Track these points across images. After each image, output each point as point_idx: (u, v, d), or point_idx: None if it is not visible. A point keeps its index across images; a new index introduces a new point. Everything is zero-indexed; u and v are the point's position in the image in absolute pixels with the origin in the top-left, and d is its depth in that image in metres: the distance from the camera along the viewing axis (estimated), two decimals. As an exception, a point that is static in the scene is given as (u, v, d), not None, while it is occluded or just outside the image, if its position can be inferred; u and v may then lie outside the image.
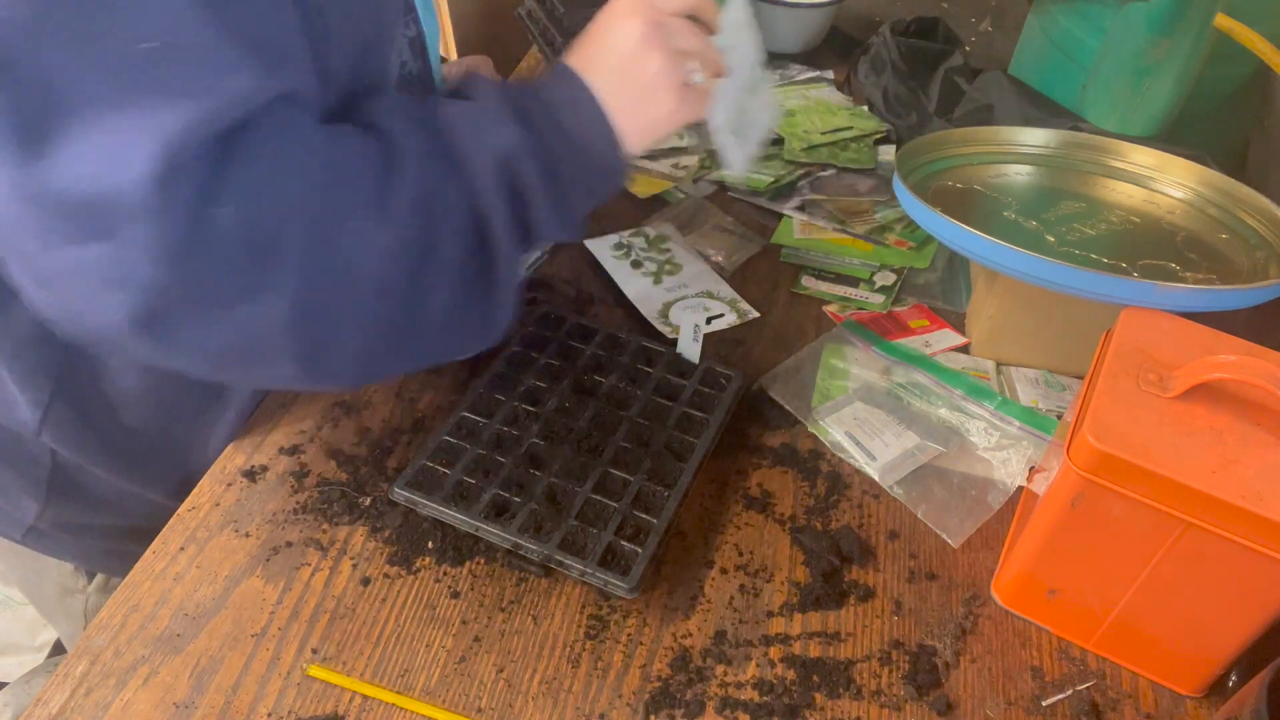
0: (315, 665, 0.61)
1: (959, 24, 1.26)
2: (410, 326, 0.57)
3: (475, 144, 0.57)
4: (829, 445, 0.77)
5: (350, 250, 0.52)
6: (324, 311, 0.52)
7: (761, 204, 1.02)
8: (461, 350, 0.64)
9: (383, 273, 0.53)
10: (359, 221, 0.52)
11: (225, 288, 0.49)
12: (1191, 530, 0.55)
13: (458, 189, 0.56)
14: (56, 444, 0.71)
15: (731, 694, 0.61)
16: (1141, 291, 0.68)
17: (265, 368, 0.53)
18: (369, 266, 0.53)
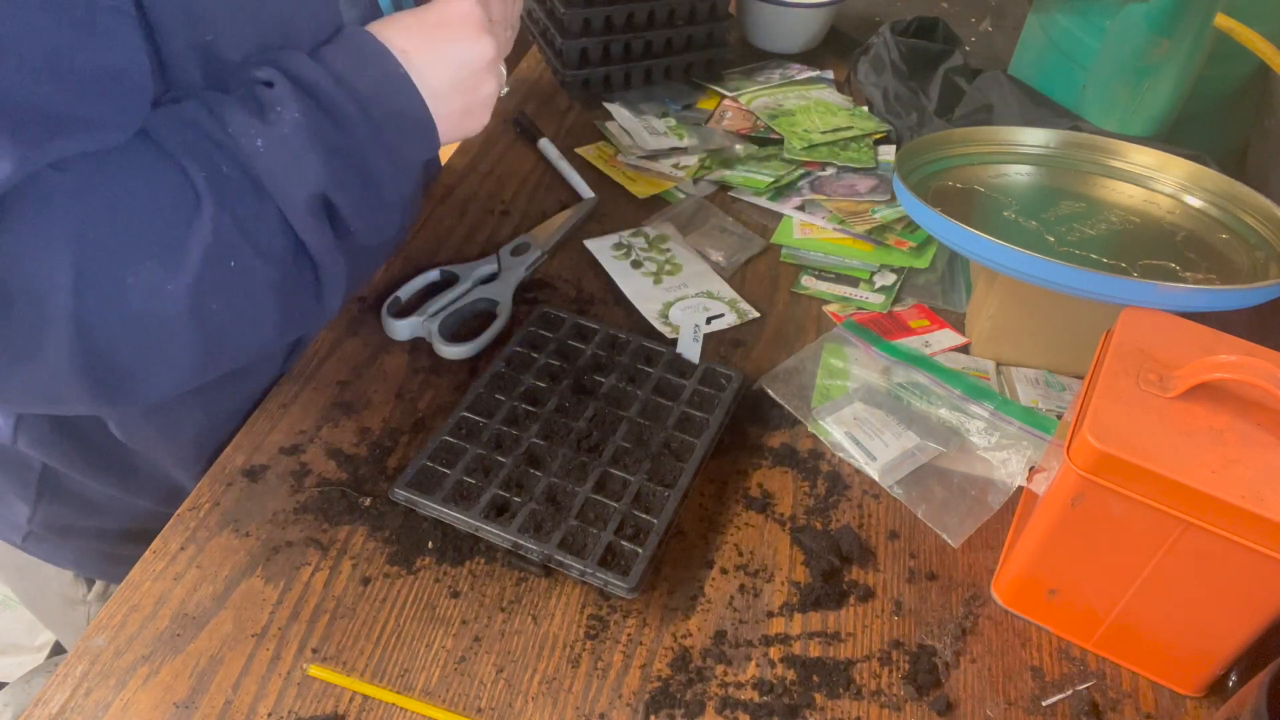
0: (315, 665, 0.61)
1: (959, 24, 1.26)
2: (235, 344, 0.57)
3: (286, 183, 0.55)
4: (829, 445, 0.77)
5: (141, 299, 0.51)
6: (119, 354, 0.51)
7: (761, 204, 1.02)
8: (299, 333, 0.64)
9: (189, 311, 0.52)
10: (146, 271, 0.51)
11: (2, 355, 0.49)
12: (1191, 530, 0.55)
13: (273, 220, 0.56)
14: (34, 451, 0.71)
15: (731, 694, 0.61)
16: (1141, 291, 0.68)
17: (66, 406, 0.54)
18: (168, 311, 0.52)
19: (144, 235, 0.51)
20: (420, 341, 0.84)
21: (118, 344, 0.51)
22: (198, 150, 0.53)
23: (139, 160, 0.52)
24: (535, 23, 1.22)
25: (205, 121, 0.55)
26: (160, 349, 0.53)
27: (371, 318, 0.85)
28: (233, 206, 0.53)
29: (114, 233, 0.50)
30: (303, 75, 0.57)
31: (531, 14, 1.24)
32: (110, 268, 0.50)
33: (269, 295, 0.56)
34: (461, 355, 0.82)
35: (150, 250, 0.51)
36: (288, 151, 0.55)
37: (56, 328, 0.49)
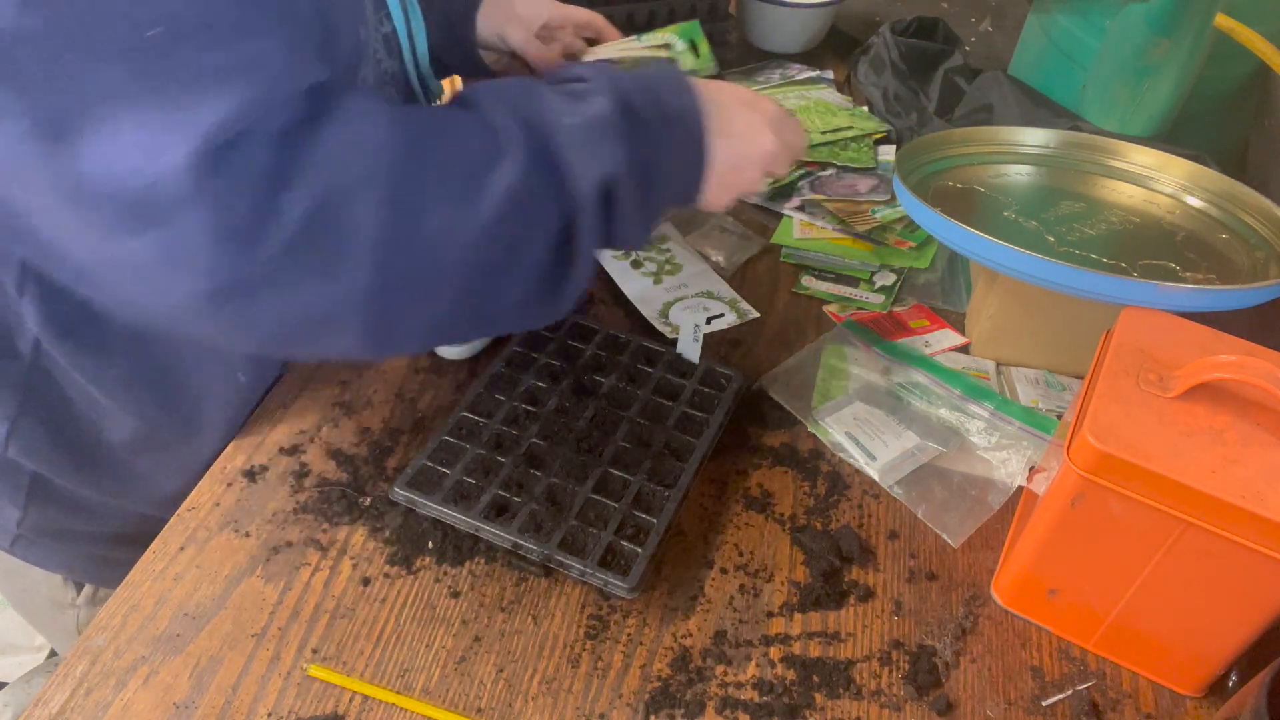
0: (315, 665, 0.61)
1: (959, 24, 1.26)
2: (480, 310, 0.58)
3: (584, 160, 0.58)
4: (829, 445, 0.77)
5: (430, 238, 0.52)
6: (398, 292, 0.53)
7: (761, 204, 1.02)
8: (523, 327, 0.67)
9: (462, 263, 0.54)
10: (443, 210, 0.53)
11: (293, 268, 0.49)
12: (1191, 530, 0.55)
13: (557, 199, 0.57)
14: (25, 459, 0.71)
15: (731, 694, 0.61)
16: (1141, 291, 0.68)
17: (332, 341, 0.54)
18: (449, 256, 0.53)
19: (449, 175, 0.53)
20: (420, 341, 0.84)
21: (401, 280, 0.52)
22: (510, 115, 0.57)
23: (452, 113, 0.56)
24: (535, 23, 1.22)
25: (524, 94, 0.58)
26: (429, 294, 0.54)
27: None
28: (529, 172, 0.56)
29: (424, 166, 0.52)
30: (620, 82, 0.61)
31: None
32: (417, 204, 0.52)
33: (526, 270, 0.58)
34: (461, 355, 0.82)
35: (452, 190, 0.53)
36: (594, 133, 0.58)
37: (360, 245, 0.50)
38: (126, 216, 0.45)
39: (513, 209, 0.55)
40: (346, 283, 0.50)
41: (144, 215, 0.45)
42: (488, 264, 0.55)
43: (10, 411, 0.67)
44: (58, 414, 0.69)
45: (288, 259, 0.48)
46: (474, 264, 0.54)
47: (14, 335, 0.65)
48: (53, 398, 0.68)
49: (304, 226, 0.48)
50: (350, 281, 0.50)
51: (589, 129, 0.58)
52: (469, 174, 0.54)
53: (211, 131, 0.45)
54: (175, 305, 0.49)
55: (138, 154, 0.44)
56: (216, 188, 0.45)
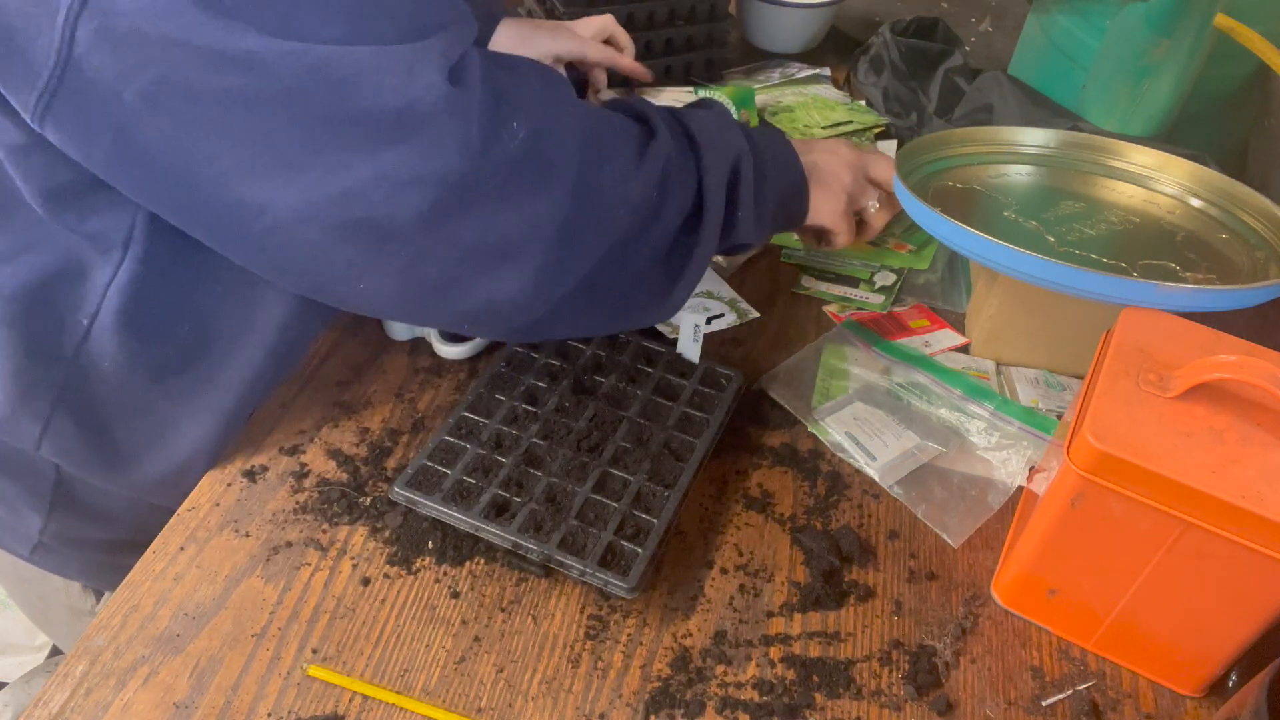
0: (315, 665, 0.61)
1: (959, 24, 1.26)
2: (613, 279, 0.65)
3: (715, 139, 0.69)
4: (829, 445, 0.77)
5: (607, 188, 0.61)
6: (573, 233, 0.60)
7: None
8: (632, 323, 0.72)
9: (620, 218, 0.62)
10: (619, 166, 0.62)
11: (510, 187, 0.57)
12: (1191, 530, 0.55)
13: (693, 172, 0.67)
14: (56, 458, 0.71)
15: (731, 694, 0.61)
16: (1141, 291, 0.68)
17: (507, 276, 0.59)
18: (615, 208, 0.62)
19: (624, 140, 0.64)
20: (420, 341, 0.84)
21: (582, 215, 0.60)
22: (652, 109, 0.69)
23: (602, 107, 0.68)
24: (535, 23, 1.22)
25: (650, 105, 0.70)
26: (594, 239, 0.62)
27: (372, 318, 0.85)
28: (672, 152, 0.66)
29: (607, 127, 0.64)
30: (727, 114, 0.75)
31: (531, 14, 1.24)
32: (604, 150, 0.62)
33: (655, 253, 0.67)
34: (461, 355, 0.82)
35: (627, 152, 0.63)
36: (718, 123, 0.71)
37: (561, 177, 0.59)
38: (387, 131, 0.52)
39: (664, 177, 0.64)
40: (543, 210, 0.58)
41: (405, 127, 0.52)
42: (636, 224, 0.64)
43: (45, 411, 0.68)
44: (90, 411, 0.69)
45: (508, 172, 0.56)
46: (628, 220, 0.63)
47: (62, 335, 0.65)
48: (87, 395, 0.68)
49: (525, 147, 0.56)
50: (546, 209, 0.58)
51: (717, 119, 0.71)
52: (638, 142, 0.65)
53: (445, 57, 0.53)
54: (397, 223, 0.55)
55: (396, 78, 0.51)
56: (461, 102, 0.53)
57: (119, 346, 0.65)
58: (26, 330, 0.64)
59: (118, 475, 0.73)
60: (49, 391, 0.67)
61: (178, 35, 0.47)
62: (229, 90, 0.49)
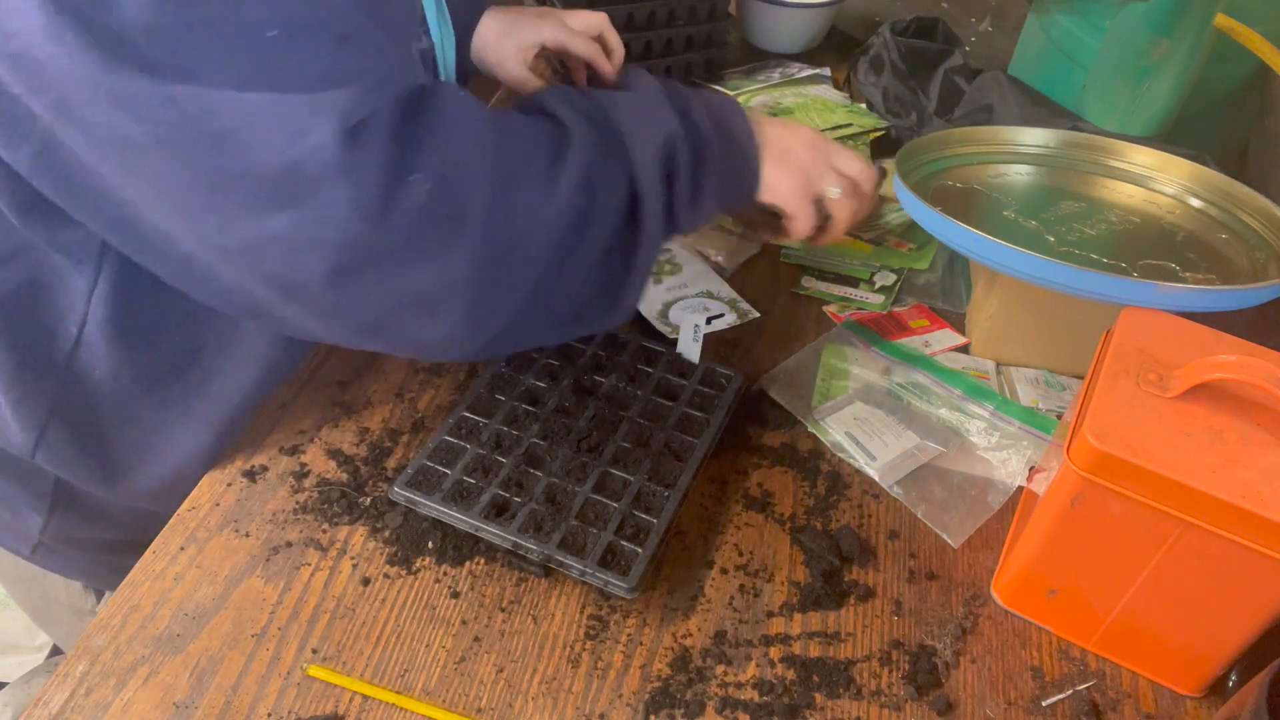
0: (315, 665, 0.61)
1: (959, 24, 1.26)
2: (555, 296, 0.61)
3: (641, 125, 0.63)
4: (829, 445, 0.77)
5: (522, 219, 0.56)
6: (495, 273, 0.56)
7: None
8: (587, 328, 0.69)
9: (545, 242, 0.58)
10: (531, 193, 0.57)
11: (416, 245, 0.52)
12: (1191, 530, 0.55)
13: (621, 166, 0.62)
14: (51, 466, 0.71)
15: (731, 694, 0.61)
16: (1141, 291, 0.68)
17: (429, 325, 0.57)
18: (535, 235, 0.57)
19: (534, 157, 0.58)
20: (420, 341, 0.84)
21: (501, 252, 0.56)
22: (565, 103, 0.62)
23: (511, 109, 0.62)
24: (535, 23, 1.22)
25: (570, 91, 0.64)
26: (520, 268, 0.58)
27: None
28: (592, 153, 0.60)
29: (515, 149, 0.57)
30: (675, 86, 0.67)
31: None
32: (512, 177, 0.56)
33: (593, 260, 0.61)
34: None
35: (538, 170, 0.58)
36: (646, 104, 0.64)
37: (471, 228, 0.54)
38: (270, 194, 0.49)
39: (586, 184, 0.59)
40: (456, 259, 0.54)
41: (288, 191, 0.48)
42: (564, 241, 0.59)
43: (40, 420, 0.67)
44: (84, 420, 0.69)
45: (412, 231, 0.52)
46: (554, 241, 0.58)
47: (53, 344, 0.65)
48: (81, 404, 0.68)
49: (427, 202, 0.52)
50: (459, 257, 0.54)
51: (642, 101, 0.64)
52: (550, 156, 0.59)
53: (345, 114, 0.48)
54: (301, 282, 0.52)
55: (281, 136, 0.47)
56: (354, 164, 0.49)
57: (109, 355, 0.65)
58: (17, 338, 0.64)
59: (112, 484, 0.73)
60: (43, 400, 0.67)
61: (63, 63, 0.45)
62: (113, 127, 0.47)
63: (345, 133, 0.48)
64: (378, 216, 0.50)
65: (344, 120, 0.48)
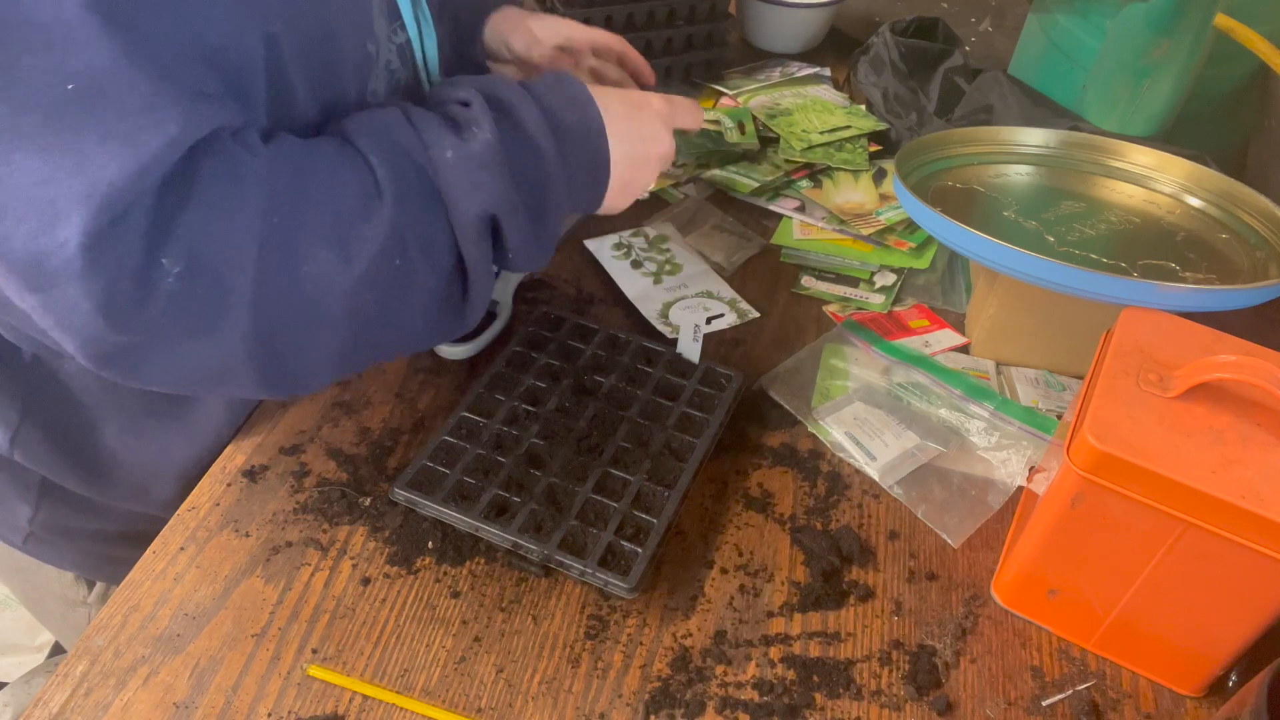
0: (315, 665, 0.61)
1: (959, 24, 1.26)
2: (382, 341, 0.58)
3: (464, 195, 0.58)
4: (829, 445, 0.77)
5: (311, 287, 0.53)
6: (282, 339, 0.53)
7: (761, 204, 1.02)
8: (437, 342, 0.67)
9: (346, 307, 0.54)
10: (320, 263, 0.53)
11: (175, 334, 0.50)
12: (1191, 530, 0.55)
13: (443, 231, 0.58)
14: (29, 464, 0.71)
15: (731, 694, 0.61)
16: (1141, 291, 0.68)
17: (230, 388, 0.55)
18: (331, 302, 0.54)
19: (325, 224, 0.53)
20: (420, 341, 0.84)
21: (284, 328, 0.53)
22: (387, 152, 0.56)
23: (328, 153, 0.55)
24: (535, 23, 1.22)
25: (399, 127, 0.58)
26: (317, 337, 0.55)
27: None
28: (409, 210, 0.56)
29: (299, 218, 0.52)
30: (502, 96, 0.60)
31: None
32: (291, 252, 0.52)
33: (421, 301, 0.58)
34: (461, 355, 0.82)
35: (329, 239, 0.53)
36: (473, 166, 0.58)
37: (236, 307, 0.50)
38: (22, 273, 0.46)
39: (392, 251, 0.55)
40: (229, 338, 0.51)
41: (35, 278, 0.46)
42: (376, 303, 0.56)
43: (13, 418, 0.67)
44: (59, 419, 0.69)
45: (165, 323, 0.49)
46: (360, 305, 0.55)
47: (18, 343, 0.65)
48: (54, 403, 0.68)
49: (179, 291, 0.48)
50: (232, 336, 0.51)
51: (469, 163, 0.58)
52: (345, 221, 0.54)
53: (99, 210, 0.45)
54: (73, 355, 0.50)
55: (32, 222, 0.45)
56: (98, 266, 0.46)
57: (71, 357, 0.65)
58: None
59: (91, 483, 0.73)
60: (13, 398, 0.67)
61: None
62: None
63: (92, 233, 0.45)
64: (126, 312, 0.47)
65: (95, 217, 0.45)
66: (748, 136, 1.08)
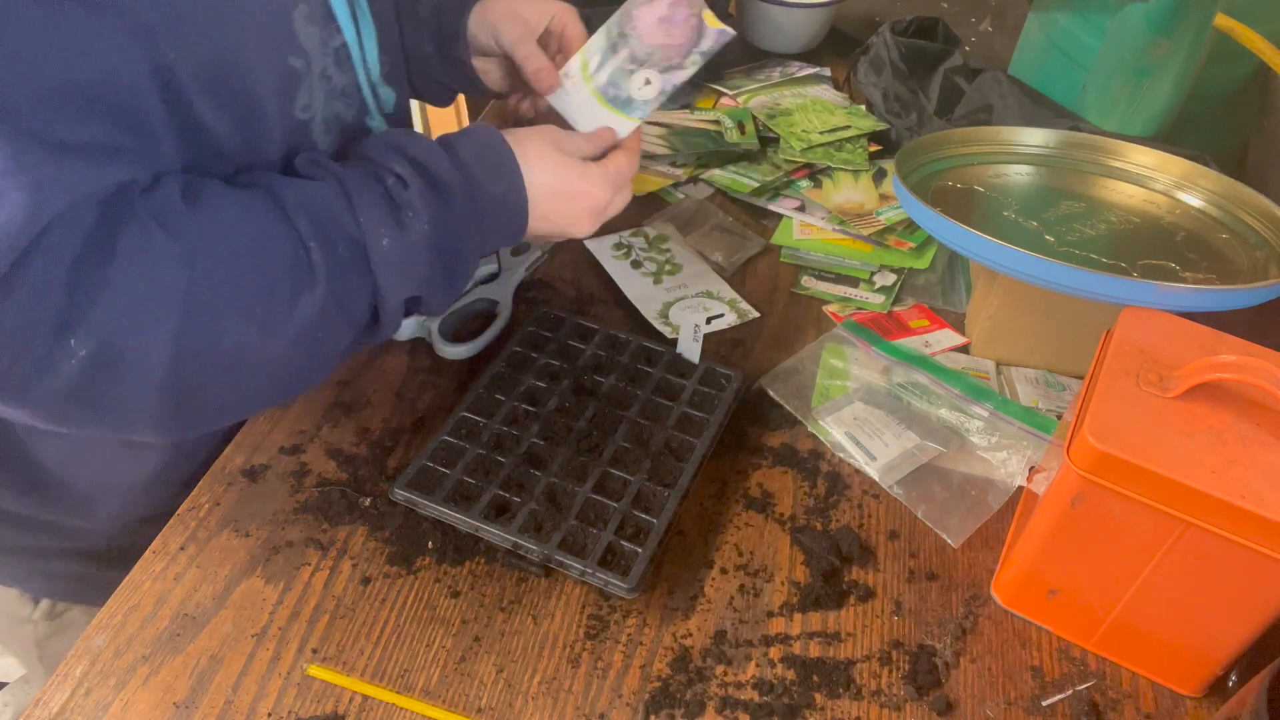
0: (315, 665, 0.61)
1: (959, 24, 1.26)
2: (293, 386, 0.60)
3: (395, 282, 0.58)
4: (829, 445, 0.77)
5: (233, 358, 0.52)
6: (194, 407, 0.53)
7: (762, 204, 1.02)
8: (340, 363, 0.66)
9: (265, 374, 0.55)
10: (245, 337, 0.52)
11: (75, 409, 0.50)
12: (1191, 530, 0.55)
13: (367, 302, 0.58)
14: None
15: (731, 694, 0.61)
16: (1141, 291, 0.68)
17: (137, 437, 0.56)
18: (252, 372, 0.54)
19: (251, 305, 0.52)
20: (420, 341, 0.84)
21: (200, 394, 0.53)
22: (324, 230, 0.55)
23: (262, 231, 0.54)
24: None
25: (338, 205, 0.57)
26: (236, 396, 0.55)
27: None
28: (340, 287, 0.56)
29: (222, 301, 0.51)
30: (442, 179, 0.60)
31: (531, 14, 1.24)
32: (211, 333, 0.51)
33: (338, 351, 0.59)
34: (461, 355, 0.82)
35: (253, 318, 0.52)
36: (408, 256, 0.58)
37: (147, 388, 0.50)
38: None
39: (317, 325, 0.55)
40: (134, 411, 0.51)
41: None
42: (297, 364, 0.56)
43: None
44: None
45: (67, 403, 0.48)
46: (280, 369, 0.55)
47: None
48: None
49: (82, 373, 0.47)
50: (137, 410, 0.51)
51: (404, 253, 0.58)
52: (273, 302, 0.53)
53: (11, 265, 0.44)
54: None
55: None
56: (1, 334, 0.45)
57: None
58: None
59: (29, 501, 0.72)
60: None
61: None
62: None
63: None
64: (21, 391, 0.47)
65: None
66: (748, 136, 1.08)
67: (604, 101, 0.74)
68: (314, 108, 0.63)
